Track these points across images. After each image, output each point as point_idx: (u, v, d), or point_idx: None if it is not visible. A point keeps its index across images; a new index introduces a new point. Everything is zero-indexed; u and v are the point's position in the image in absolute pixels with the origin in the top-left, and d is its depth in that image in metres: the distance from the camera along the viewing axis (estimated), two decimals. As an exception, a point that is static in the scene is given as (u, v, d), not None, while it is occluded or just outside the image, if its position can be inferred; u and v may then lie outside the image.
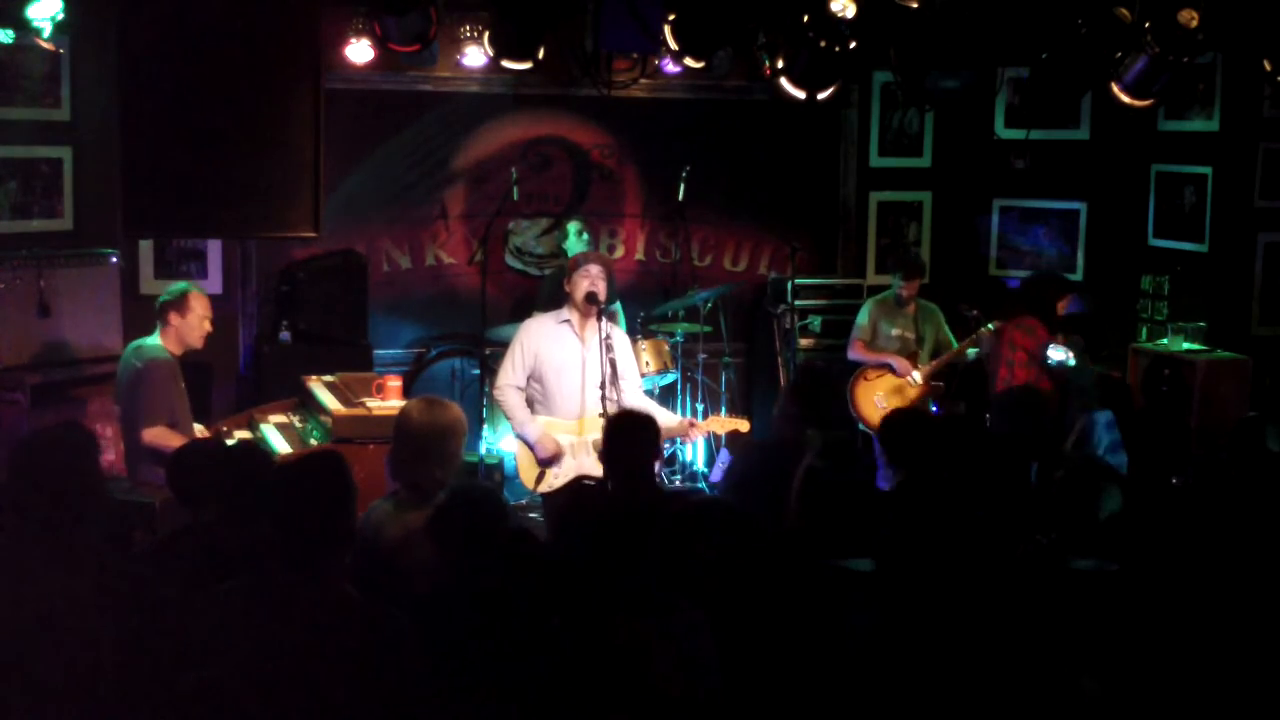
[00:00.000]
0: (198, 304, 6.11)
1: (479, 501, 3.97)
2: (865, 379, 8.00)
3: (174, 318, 6.06)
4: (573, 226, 8.55)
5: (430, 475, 4.50)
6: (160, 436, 5.84)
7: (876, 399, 7.94)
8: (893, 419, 5.15)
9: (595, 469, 6.01)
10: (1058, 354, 7.28)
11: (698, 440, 8.51)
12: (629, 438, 4.73)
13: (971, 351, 7.87)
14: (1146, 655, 3.76)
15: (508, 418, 6.23)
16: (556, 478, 6.07)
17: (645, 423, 4.82)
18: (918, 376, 7.83)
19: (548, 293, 8.01)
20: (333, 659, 3.23)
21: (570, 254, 8.22)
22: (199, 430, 6.25)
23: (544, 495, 6.16)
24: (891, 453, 4.93)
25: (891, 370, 7.95)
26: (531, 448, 6.07)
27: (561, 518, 5.93)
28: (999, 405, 5.87)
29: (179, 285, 6.25)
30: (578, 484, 6.07)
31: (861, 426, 7.99)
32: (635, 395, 6.24)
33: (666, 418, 6.30)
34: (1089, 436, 6.44)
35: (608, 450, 4.84)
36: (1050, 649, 3.58)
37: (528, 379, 6.17)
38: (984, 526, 4.10)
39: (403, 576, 4.18)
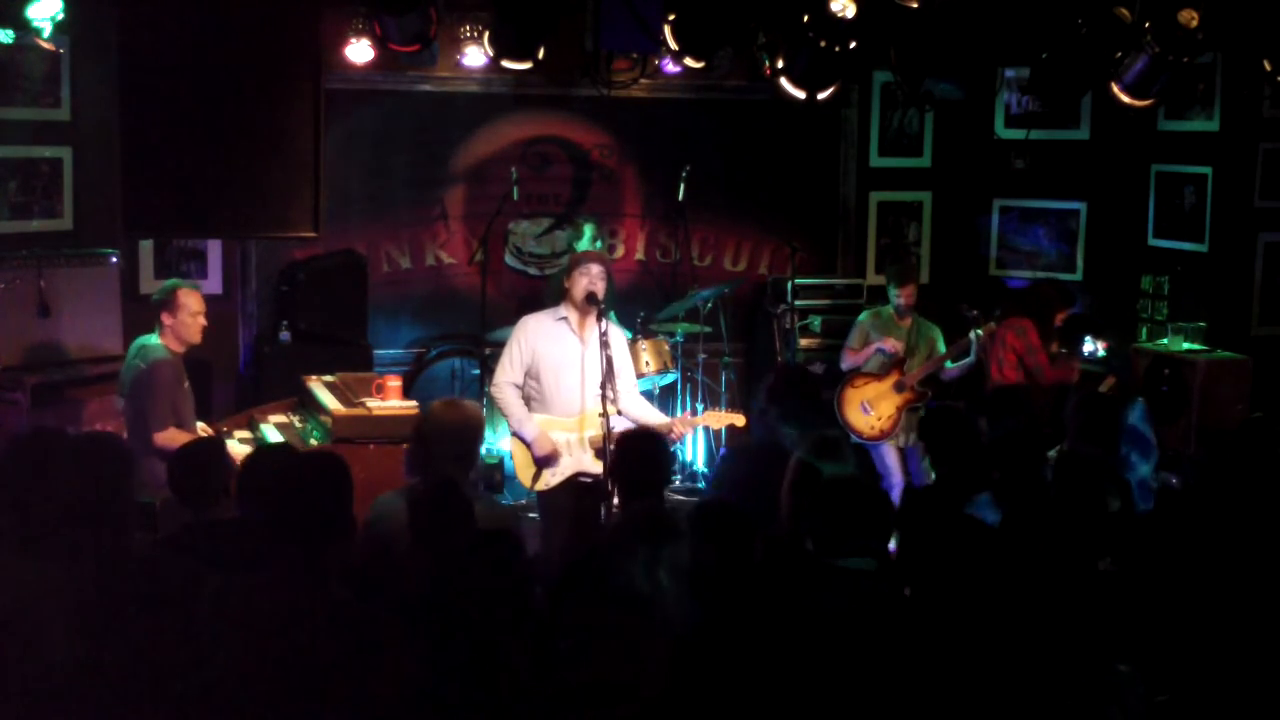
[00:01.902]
0: (187, 299, 6.06)
1: (447, 498, 3.99)
2: (852, 386, 7.80)
3: (166, 317, 6.03)
4: (589, 229, 8.53)
5: (445, 474, 4.50)
6: (172, 439, 5.83)
7: (862, 406, 7.79)
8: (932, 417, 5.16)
9: (593, 466, 6.02)
10: (1088, 345, 7.38)
11: (696, 435, 8.52)
12: (641, 457, 4.70)
13: (950, 364, 7.78)
14: (1149, 655, 3.76)
15: (505, 415, 6.24)
16: (554, 476, 6.08)
17: (656, 439, 4.80)
18: (897, 347, 7.74)
19: (551, 291, 8.00)
20: (324, 659, 3.23)
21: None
22: (201, 429, 6.25)
23: (540, 493, 6.17)
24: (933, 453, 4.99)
25: (875, 378, 7.81)
26: (529, 446, 6.08)
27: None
28: (984, 406, 5.84)
29: (168, 283, 6.20)
30: (574, 481, 6.08)
31: (854, 438, 7.81)
32: (630, 394, 6.25)
33: (655, 417, 6.31)
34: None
35: (619, 469, 4.80)
36: (1051, 649, 3.58)
37: (525, 377, 6.17)
38: (1008, 528, 4.12)
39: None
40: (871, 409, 7.75)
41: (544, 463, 6.05)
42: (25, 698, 3.21)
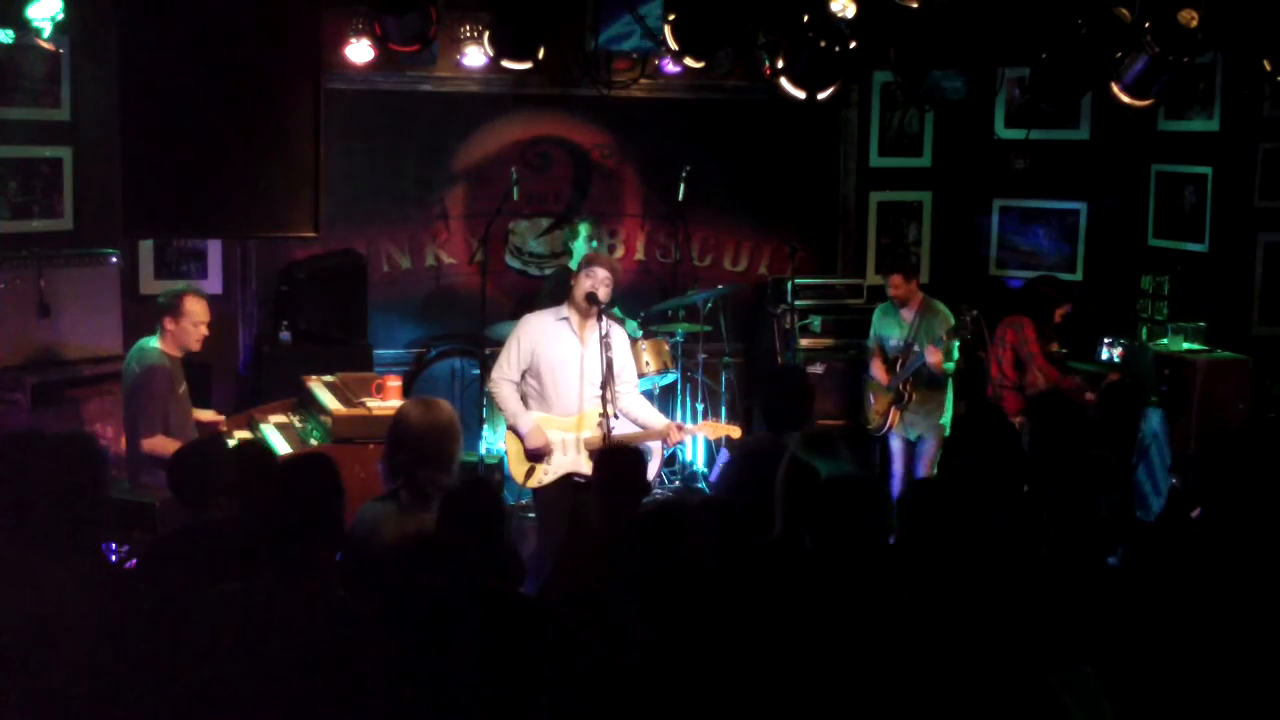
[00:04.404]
0: (193, 307, 6.06)
1: (482, 501, 3.99)
2: (874, 378, 8.10)
3: (168, 322, 6.04)
4: (584, 228, 8.56)
5: (430, 478, 4.49)
6: (159, 446, 5.84)
7: (870, 397, 8.04)
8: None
9: (587, 468, 6.04)
10: (1104, 352, 7.59)
11: (697, 439, 8.52)
12: (617, 474, 4.69)
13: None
14: (1151, 656, 3.76)
15: (500, 410, 6.27)
16: (546, 474, 6.09)
17: (632, 458, 4.79)
18: (887, 383, 7.85)
19: (549, 291, 8.01)
20: (323, 659, 3.23)
21: (575, 251, 8.24)
22: (202, 414, 6.25)
23: (535, 490, 6.18)
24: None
25: (886, 371, 7.97)
26: (521, 439, 6.08)
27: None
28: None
29: (175, 288, 6.22)
30: (568, 479, 6.09)
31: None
32: (631, 396, 6.26)
33: (654, 418, 6.31)
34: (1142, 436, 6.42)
35: (598, 484, 4.78)
36: (1049, 648, 3.58)
37: (524, 375, 6.18)
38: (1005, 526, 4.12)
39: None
40: (874, 401, 7.92)
41: (534, 455, 6.05)
42: (25, 698, 3.21)
